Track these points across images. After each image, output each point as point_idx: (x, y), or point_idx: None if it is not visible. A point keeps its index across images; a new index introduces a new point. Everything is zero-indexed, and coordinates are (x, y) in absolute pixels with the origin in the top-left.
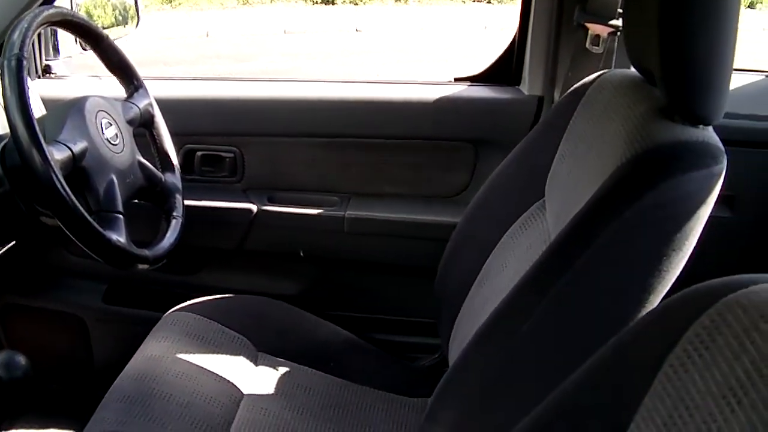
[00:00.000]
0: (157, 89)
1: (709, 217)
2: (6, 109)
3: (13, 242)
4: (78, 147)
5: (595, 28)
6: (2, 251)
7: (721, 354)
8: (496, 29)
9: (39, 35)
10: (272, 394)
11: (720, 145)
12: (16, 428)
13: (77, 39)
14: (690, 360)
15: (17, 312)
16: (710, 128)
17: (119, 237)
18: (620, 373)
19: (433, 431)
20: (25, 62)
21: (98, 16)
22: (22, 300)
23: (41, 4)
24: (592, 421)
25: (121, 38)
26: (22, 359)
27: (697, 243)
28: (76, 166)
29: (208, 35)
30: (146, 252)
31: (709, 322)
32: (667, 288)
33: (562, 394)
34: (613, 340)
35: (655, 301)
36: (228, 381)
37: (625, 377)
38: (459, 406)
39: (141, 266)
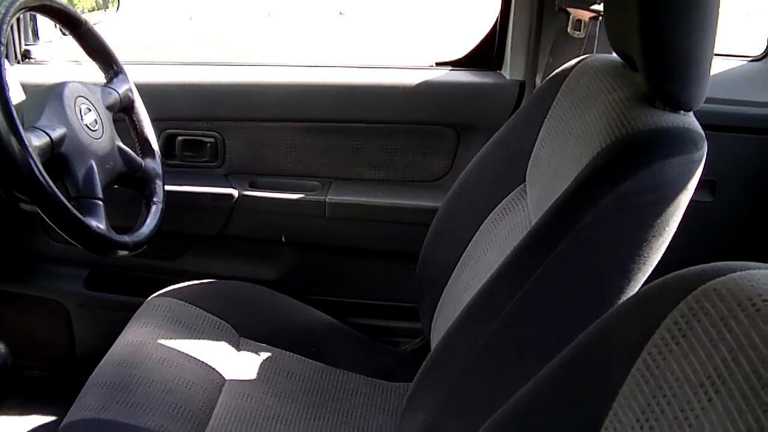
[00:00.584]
0: (136, 74)
1: (691, 201)
2: None
3: None
4: (56, 133)
5: (577, 13)
6: None
7: (699, 342)
8: (480, 12)
9: (18, 20)
10: (254, 379)
11: (701, 130)
12: (1, 414)
13: (56, 24)
14: (668, 348)
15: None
16: (691, 114)
17: (99, 223)
18: (599, 360)
19: (414, 416)
20: (2, 48)
21: (78, 0)
22: (3, 286)
23: None
24: (571, 408)
25: (102, 23)
26: (1, 347)
27: (678, 228)
28: (54, 153)
29: (191, 18)
30: (126, 238)
31: (687, 309)
32: (648, 274)
33: (541, 381)
34: (592, 327)
35: (635, 287)
36: (210, 366)
37: (603, 365)
38: (440, 391)
39: (121, 252)
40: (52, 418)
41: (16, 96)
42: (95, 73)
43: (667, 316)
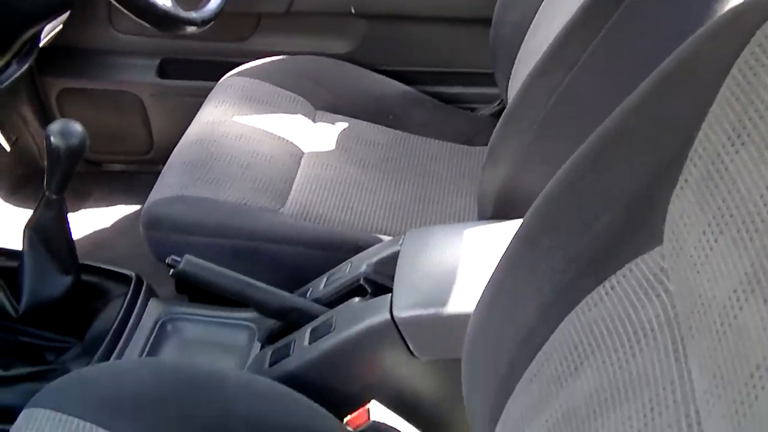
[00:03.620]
0: None
1: None
2: None
3: (68, 12)
4: None
5: None
6: (56, 30)
7: None
8: None
9: None
10: (333, 150)
11: None
12: (84, 209)
13: None
14: (758, 62)
15: (74, 96)
16: None
17: (165, 0)
18: (685, 82)
19: (495, 168)
20: None
21: None
22: (78, 83)
23: None
24: (658, 134)
25: None
26: (77, 126)
27: None
28: None
29: None
30: (194, 14)
31: None
32: None
33: (625, 111)
34: (675, 53)
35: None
36: (287, 140)
37: (690, 88)
38: (520, 141)
39: (189, 29)
40: (136, 207)
41: None
42: None
43: (756, 31)
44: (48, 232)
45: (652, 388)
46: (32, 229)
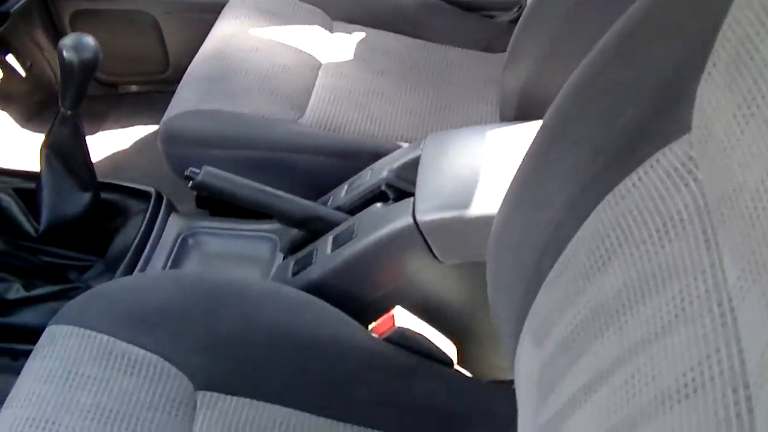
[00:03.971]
0: None
1: None
2: None
3: None
4: None
5: None
6: None
7: None
8: None
9: None
10: (351, 60)
11: None
12: (101, 132)
13: None
14: None
15: (87, 18)
16: None
17: None
18: None
19: (516, 71)
20: None
21: None
22: (91, 4)
23: None
24: (685, 17)
25: None
26: (90, 40)
27: None
28: None
29: None
30: None
31: None
32: None
33: (646, 3)
34: None
35: None
36: (304, 51)
37: None
38: (542, 38)
39: None
40: (154, 127)
41: None
42: None
43: None
44: (65, 149)
45: (683, 279)
46: (49, 147)
